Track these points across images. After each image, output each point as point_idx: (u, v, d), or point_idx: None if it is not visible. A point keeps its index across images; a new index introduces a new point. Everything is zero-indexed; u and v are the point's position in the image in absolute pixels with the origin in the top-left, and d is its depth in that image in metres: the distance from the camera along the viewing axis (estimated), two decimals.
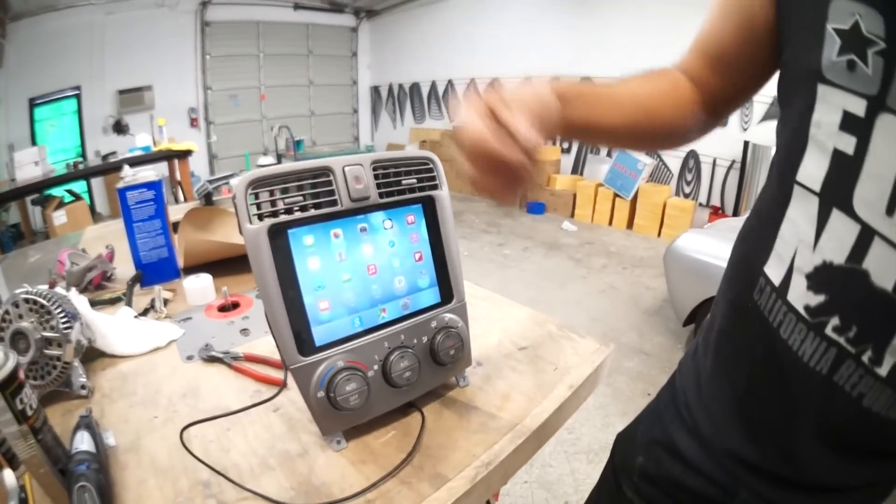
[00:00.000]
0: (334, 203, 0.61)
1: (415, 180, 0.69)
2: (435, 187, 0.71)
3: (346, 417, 0.62)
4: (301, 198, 0.58)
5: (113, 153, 5.25)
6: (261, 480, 0.59)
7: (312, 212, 0.59)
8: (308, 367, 0.59)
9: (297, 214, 0.58)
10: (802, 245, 0.53)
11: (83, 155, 6.16)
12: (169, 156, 4.17)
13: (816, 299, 0.52)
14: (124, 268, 1.18)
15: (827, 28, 0.47)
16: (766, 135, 4.91)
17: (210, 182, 1.81)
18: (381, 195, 0.65)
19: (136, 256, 1.13)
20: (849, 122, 0.47)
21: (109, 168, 4.59)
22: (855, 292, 0.49)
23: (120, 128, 5.11)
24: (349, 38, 9.74)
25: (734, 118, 5.27)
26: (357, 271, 0.63)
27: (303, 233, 0.58)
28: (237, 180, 0.55)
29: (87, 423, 0.64)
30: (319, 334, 0.60)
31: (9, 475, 0.55)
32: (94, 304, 0.96)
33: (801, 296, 0.53)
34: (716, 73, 0.68)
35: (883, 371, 0.49)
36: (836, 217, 0.49)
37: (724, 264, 0.71)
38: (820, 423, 0.56)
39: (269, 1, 8.11)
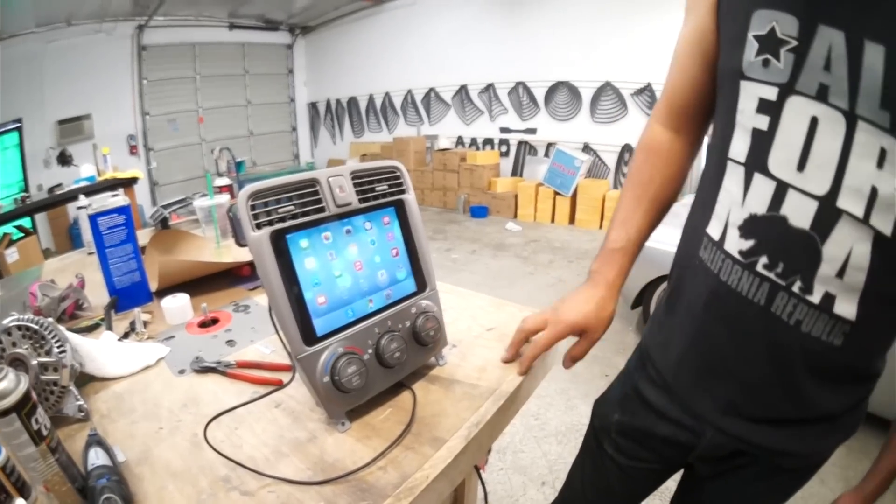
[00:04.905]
0: (322, 210, 0.69)
1: (386, 186, 0.78)
2: (403, 192, 0.80)
3: (349, 398, 0.70)
4: (293, 207, 0.66)
5: (59, 185, 5.05)
6: (278, 466, 0.65)
7: (305, 218, 0.67)
8: (313, 355, 0.67)
9: (292, 221, 0.66)
10: (734, 205, 0.66)
11: (26, 189, 5.91)
12: (115, 184, 4.06)
13: (747, 244, 0.65)
14: (94, 296, 1.19)
15: (748, 36, 0.61)
16: None
17: (164, 207, 1.83)
18: (360, 201, 0.73)
19: (109, 282, 1.14)
20: (763, 106, 0.61)
21: (62, 200, 4.42)
22: (776, 234, 0.62)
23: (65, 159, 4.92)
24: (285, 56, 9.73)
25: None
26: (346, 268, 0.71)
27: (299, 237, 0.66)
28: (240, 193, 0.62)
29: (98, 440, 0.66)
30: (320, 325, 0.68)
31: None
32: (72, 332, 0.98)
33: (735, 244, 0.66)
34: (689, 121, 0.81)
35: (815, 299, 0.61)
36: (757, 179, 0.63)
37: (665, 247, 0.85)
38: (768, 353, 0.66)
39: (205, 22, 8.06)
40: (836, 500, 0.79)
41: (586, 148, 6.49)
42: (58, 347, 0.78)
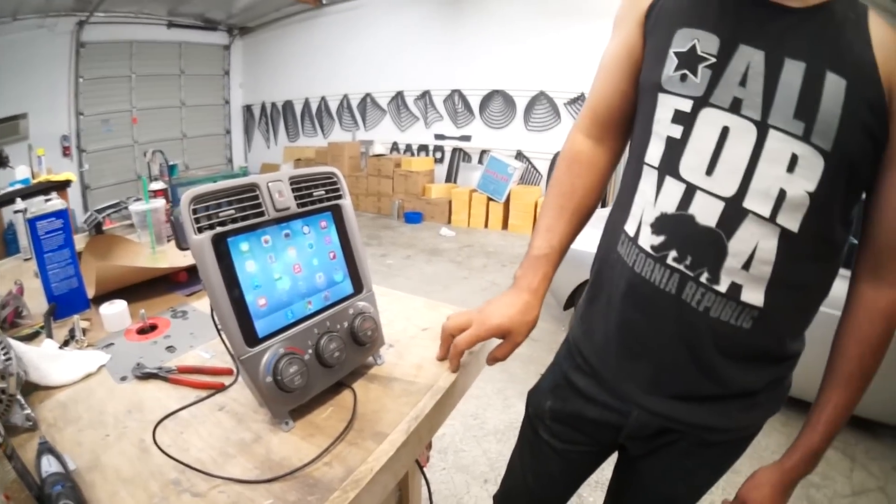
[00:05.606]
0: (262, 214, 0.71)
1: (323, 192, 0.80)
2: (339, 197, 0.83)
3: (291, 398, 0.72)
4: (234, 211, 0.67)
5: None
6: (226, 467, 0.66)
7: (245, 222, 0.69)
8: (255, 356, 0.68)
9: (232, 225, 0.67)
10: (647, 205, 0.73)
11: None
12: (48, 188, 3.83)
13: (658, 239, 0.71)
14: (32, 303, 1.14)
15: (669, 52, 0.68)
16: None
17: (98, 211, 1.77)
18: (298, 205, 0.76)
19: (47, 288, 1.10)
20: (678, 116, 0.68)
21: (0, 203, 4.12)
22: (684, 230, 0.69)
23: (1, 160, 4.58)
24: (221, 57, 9.50)
25: None
26: (286, 271, 0.74)
27: (240, 240, 0.68)
28: (182, 197, 0.63)
29: (49, 448, 0.65)
30: (261, 327, 0.69)
31: None
32: (14, 340, 0.94)
33: (647, 239, 0.73)
34: (612, 131, 0.86)
35: (722, 288, 0.68)
36: (668, 181, 0.70)
37: (594, 250, 0.90)
38: (681, 335, 0.73)
39: (144, 19, 7.81)
40: (753, 473, 0.83)
41: (519, 155, 6.66)
42: (4, 355, 0.77)
